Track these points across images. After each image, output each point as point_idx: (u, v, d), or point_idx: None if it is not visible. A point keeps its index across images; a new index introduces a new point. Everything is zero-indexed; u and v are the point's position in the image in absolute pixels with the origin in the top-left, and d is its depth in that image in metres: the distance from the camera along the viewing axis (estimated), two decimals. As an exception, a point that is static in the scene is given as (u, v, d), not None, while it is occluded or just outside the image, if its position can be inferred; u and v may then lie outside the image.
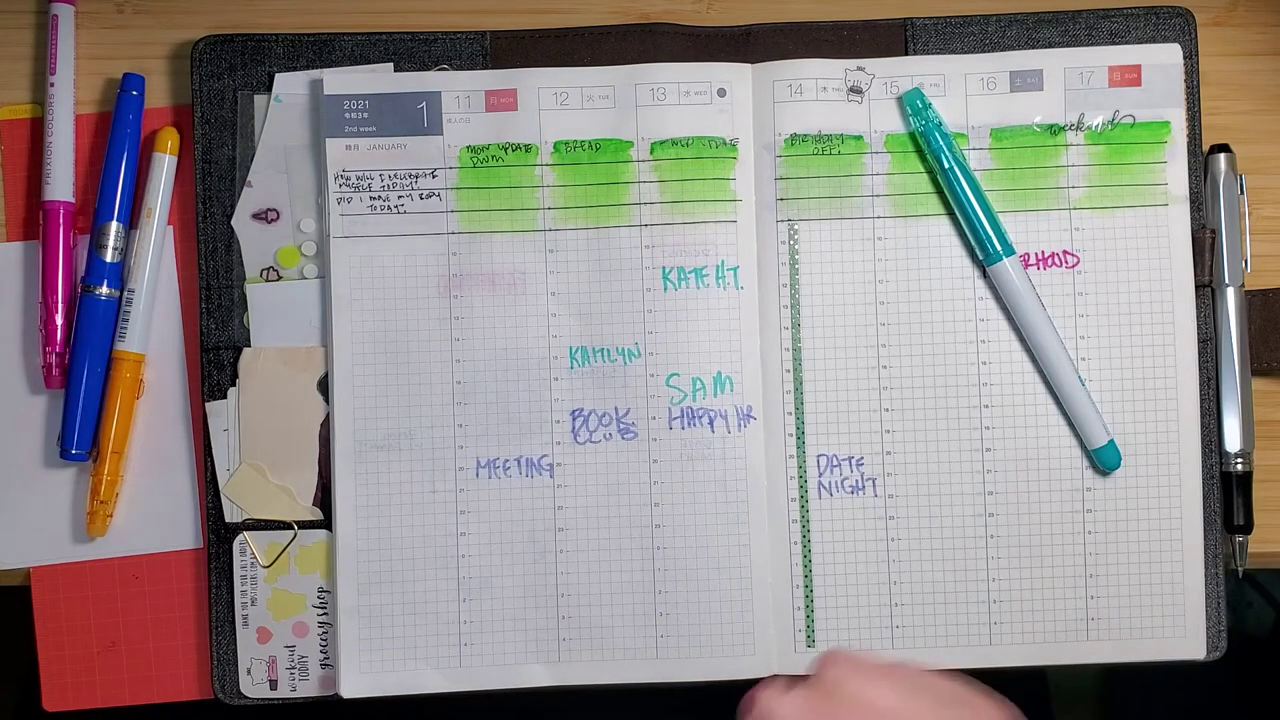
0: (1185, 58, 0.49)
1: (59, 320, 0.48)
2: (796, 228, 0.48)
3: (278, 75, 0.49)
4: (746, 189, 0.48)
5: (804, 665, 0.48)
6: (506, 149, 0.48)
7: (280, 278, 0.49)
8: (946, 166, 0.47)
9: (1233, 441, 0.48)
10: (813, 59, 0.48)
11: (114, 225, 0.48)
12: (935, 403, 0.48)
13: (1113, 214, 0.49)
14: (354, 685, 0.48)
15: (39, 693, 0.49)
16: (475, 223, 0.48)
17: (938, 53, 0.49)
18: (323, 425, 0.48)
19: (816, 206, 0.48)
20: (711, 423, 0.48)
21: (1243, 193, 0.49)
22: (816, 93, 0.48)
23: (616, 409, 0.48)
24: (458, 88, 0.48)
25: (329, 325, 0.48)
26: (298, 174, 0.49)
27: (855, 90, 0.49)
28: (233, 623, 0.48)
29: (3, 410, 0.49)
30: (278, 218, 0.49)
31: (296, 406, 0.48)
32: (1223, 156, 0.49)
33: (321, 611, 0.49)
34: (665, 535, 0.48)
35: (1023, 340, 0.48)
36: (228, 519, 0.48)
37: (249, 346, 0.48)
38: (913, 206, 0.48)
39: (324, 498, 0.48)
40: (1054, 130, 0.49)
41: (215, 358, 0.48)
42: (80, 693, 0.49)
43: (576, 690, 0.48)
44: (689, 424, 0.48)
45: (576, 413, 0.48)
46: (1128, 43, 0.49)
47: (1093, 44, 0.49)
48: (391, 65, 0.49)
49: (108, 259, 0.48)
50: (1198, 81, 0.49)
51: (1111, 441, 0.48)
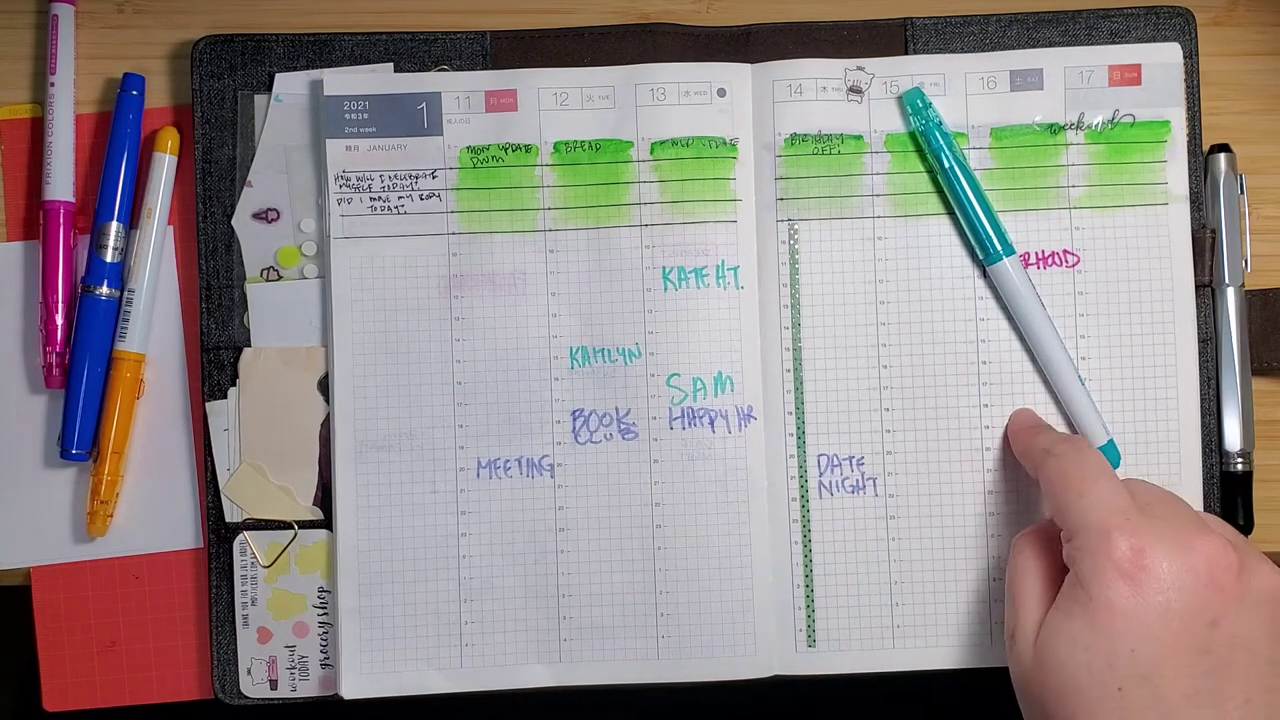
0: (1185, 57, 0.49)
1: (59, 320, 0.48)
2: (796, 227, 0.48)
3: (278, 75, 0.49)
4: (746, 189, 0.48)
5: (804, 666, 0.48)
6: (507, 149, 0.48)
7: (280, 278, 0.49)
8: (946, 166, 0.47)
9: (1233, 441, 0.48)
10: (813, 59, 0.48)
11: (114, 225, 0.48)
12: (935, 403, 0.48)
13: (1113, 213, 0.49)
14: (354, 685, 0.48)
15: (39, 693, 0.49)
16: (475, 223, 0.48)
17: (938, 52, 0.49)
18: (323, 425, 0.48)
19: (816, 206, 0.48)
20: (712, 423, 0.48)
21: (1243, 193, 0.49)
22: (816, 93, 0.48)
23: (617, 409, 0.48)
24: (458, 88, 0.48)
25: (329, 325, 0.48)
26: (298, 174, 0.49)
27: (855, 90, 0.49)
28: (233, 623, 0.48)
29: (3, 410, 0.49)
30: (278, 218, 0.49)
31: (296, 406, 0.48)
32: (1223, 156, 0.49)
33: (322, 611, 0.48)
34: (666, 535, 0.48)
35: (1023, 340, 0.48)
36: (228, 519, 0.48)
37: (249, 346, 0.48)
38: (913, 206, 0.48)
39: (324, 498, 0.48)
40: (1054, 129, 0.49)
41: (215, 358, 0.48)
42: (80, 693, 0.49)
43: (577, 690, 0.48)
44: (689, 424, 0.48)
45: (577, 413, 0.48)
46: (1128, 42, 0.49)
47: (1093, 43, 0.49)
48: (391, 65, 0.49)
49: (108, 259, 0.48)
50: (1198, 81, 0.49)
51: (1111, 441, 0.48)
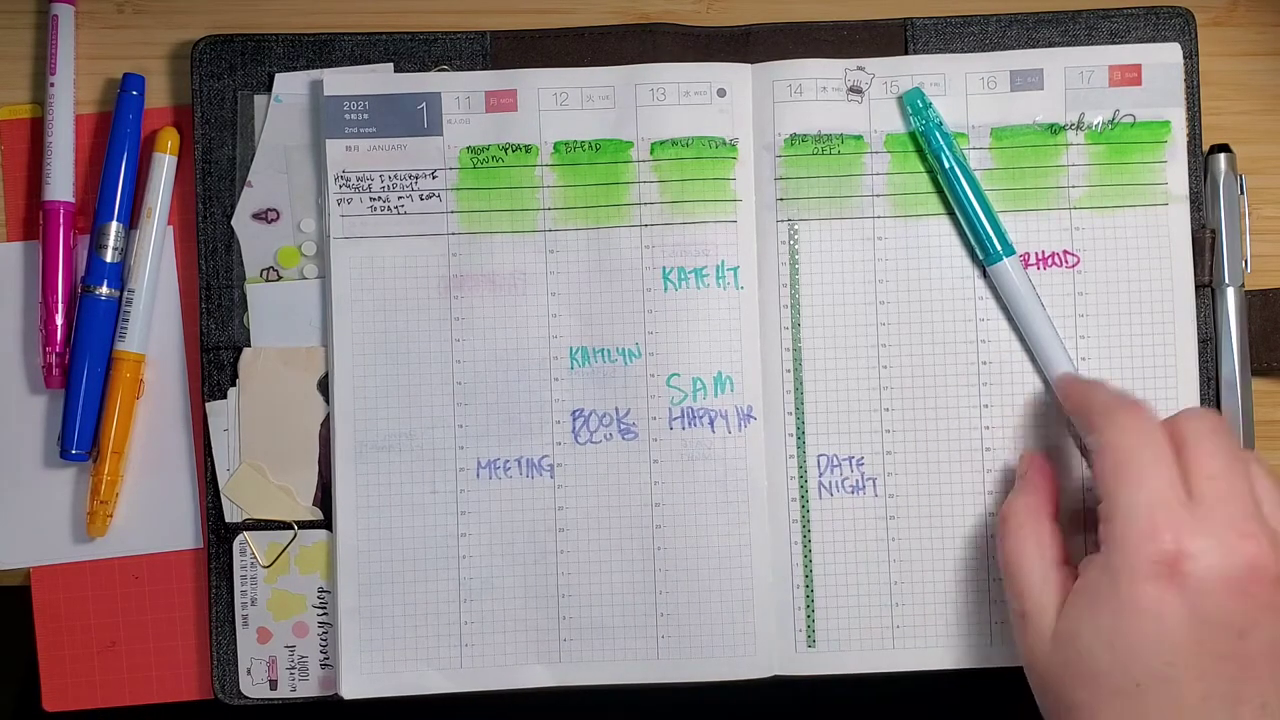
0: (1185, 57, 0.49)
1: (59, 320, 0.48)
2: (796, 228, 0.48)
3: (278, 75, 0.49)
4: (746, 189, 0.48)
5: (804, 666, 0.48)
6: (507, 149, 0.48)
7: (280, 278, 0.49)
8: (947, 166, 0.47)
9: (1233, 441, 0.48)
10: (813, 59, 0.48)
11: (114, 225, 0.48)
12: (935, 403, 0.48)
13: (1113, 214, 0.49)
14: (354, 686, 0.48)
15: (39, 693, 0.49)
16: (475, 223, 0.48)
17: (938, 52, 0.49)
18: (323, 425, 0.48)
19: (816, 206, 0.48)
20: (712, 423, 0.48)
21: (1243, 193, 0.49)
22: (816, 93, 0.48)
23: (617, 409, 0.48)
24: (458, 88, 0.48)
25: (329, 325, 0.48)
26: (298, 174, 0.49)
27: (855, 90, 0.49)
28: (233, 623, 0.48)
29: (3, 410, 0.49)
30: (278, 218, 0.49)
31: (296, 406, 0.48)
32: (1223, 156, 0.49)
33: (322, 612, 0.48)
34: (666, 535, 0.48)
35: (1023, 340, 0.48)
36: (228, 519, 0.48)
37: (249, 346, 0.48)
38: (913, 206, 0.48)
39: (324, 498, 0.48)
40: (1054, 130, 0.49)
41: (215, 358, 0.48)
42: (80, 693, 0.49)
43: (577, 690, 0.48)
44: (689, 424, 0.48)
45: (577, 413, 0.48)
46: (1128, 42, 0.49)
47: (1093, 43, 0.49)
48: (391, 65, 0.49)
49: (108, 259, 0.48)
50: (1198, 81, 0.49)
51: None
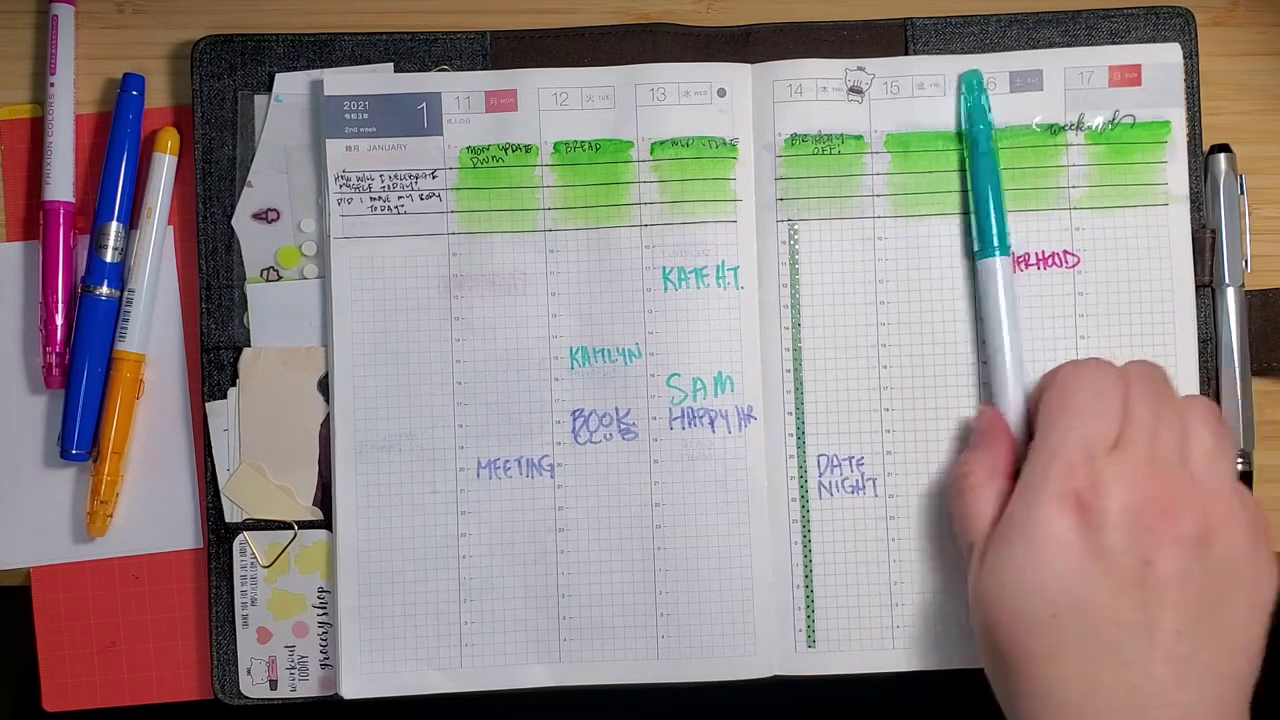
0: (1185, 58, 0.49)
1: (59, 320, 0.48)
2: (796, 228, 0.48)
3: (278, 75, 0.49)
4: (746, 189, 0.48)
5: (804, 666, 0.48)
6: (507, 149, 0.48)
7: (280, 278, 0.49)
8: (982, 150, 0.47)
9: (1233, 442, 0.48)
10: (813, 59, 0.48)
11: (114, 225, 0.48)
12: (935, 403, 0.48)
13: (1113, 214, 0.49)
14: (354, 686, 0.48)
15: (39, 693, 0.49)
16: (475, 223, 0.48)
17: (938, 53, 0.49)
18: (323, 425, 0.48)
19: (816, 206, 0.48)
20: (712, 423, 0.48)
21: (1243, 193, 0.49)
22: (816, 93, 0.48)
23: (617, 409, 0.48)
24: (458, 88, 0.48)
25: (329, 325, 0.48)
26: (298, 174, 0.49)
27: (855, 90, 0.49)
28: (233, 623, 0.48)
29: (3, 410, 0.49)
30: (278, 218, 0.49)
31: (296, 406, 0.48)
32: (1223, 156, 0.49)
33: (322, 612, 0.48)
34: (666, 535, 0.48)
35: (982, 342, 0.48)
36: (228, 519, 0.48)
37: (249, 346, 0.48)
38: (913, 206, 0.48)
39: (324, 498, 0.48)
40: (1054, 130, 0.49)
41: (215, 358, 0.48)
42: (80, 693, 0.49)
43: (577, 690, 0.48)
44: (689, 424, 0.48)
45: (577, 413, 0.48)
46: (1128, 43, 0.49)
47: (1093, 44, 0.49)
48: (391, 65, 0.49)
49: (108, 259, 0.48)
50: (1198, 81, 0.49)
51: None
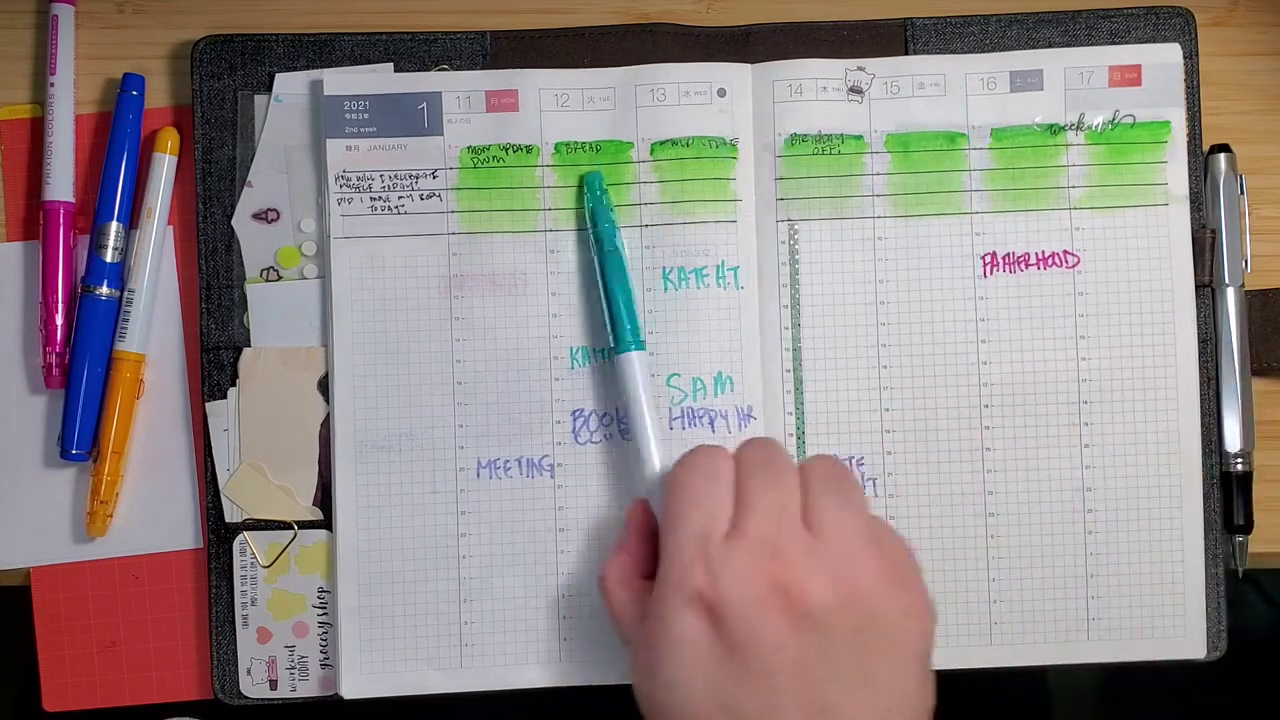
0: (1185, 58, 0.49)
1: (59, 320, 0.48)
2: (796, 228, 0.48)
3: (278, 75, 0.49)
4: (746, 189, 0.48)
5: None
6: (507, 150, 0.48)
7: (280, 278, 0.49)
8: (608, 249, 0.47)
9: (1233, 441, 0.48)
10: (813, 59, 0.48)
11: (114, 225, 0.48)
12: (935, 403, 0.48)
13: (1113, 214, 0.49)
14: (354, 686, 0.48)
15: (39, 693, 0.49)
16: (476, 223, 0.48)
17: (938, 53, 0.49)
18: (323, 425, 0.48)
19: (816, 206, 0.48)
20: (712, 423, 0.48)
21: (1243, 193, 0.49)
22: (816, 93, 0.48)
23: (617, 409, 0.48)
24: (458, 88, 0.48)
25: (329, 325, 0.48)
26: (298, 174, 0.49)
27: (855, 90, 0.49)
28: (233, 623, 0.48)
29: (3, 410, 0.49)
30: (278, 218, 0.49)
31: (296, 406, 0.48)
32: (1223, 156, 0.49)
33: (322, 611, 0.48)
34: (665, 535, 0.48)
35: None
36: (228, 519, 0.48)
37: (249, 346, 0.48)
38: (913, 206, 0.48)
39: (324, 498, 0.48)
40: (1054, 130, 0.49)
41: (215, 358, 0.48)
42: (80, 693, 0.49)
43: (577, 690, 0.48)
44: (689, 424, 0.48)
45: (577, 413, 0.48)
46: (1128, 42, 0.49)
47: (1093, 44, 0.49)
48: (391, 65, 0.49)
49: (108, 259, 0.48)
50: (1198, 81, 0.49)
51: None
